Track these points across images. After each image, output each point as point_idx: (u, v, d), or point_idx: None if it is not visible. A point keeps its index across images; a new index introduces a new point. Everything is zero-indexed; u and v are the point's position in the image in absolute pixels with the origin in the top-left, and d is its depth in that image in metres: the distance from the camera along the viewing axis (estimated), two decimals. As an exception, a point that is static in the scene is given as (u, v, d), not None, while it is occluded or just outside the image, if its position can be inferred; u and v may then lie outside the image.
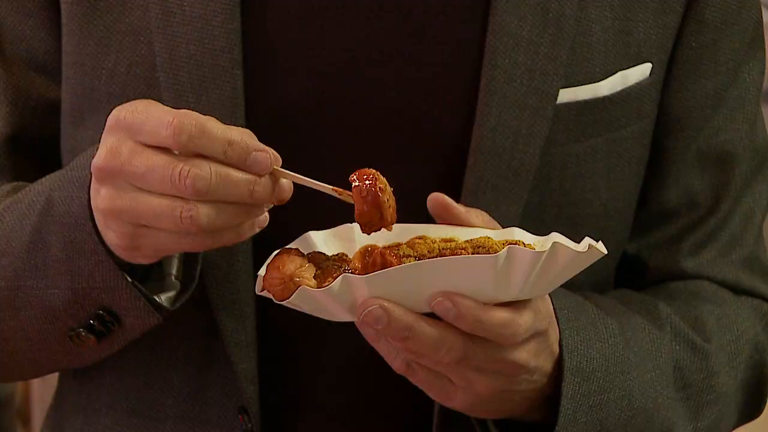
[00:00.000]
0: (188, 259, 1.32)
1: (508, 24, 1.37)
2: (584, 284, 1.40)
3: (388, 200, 1.18)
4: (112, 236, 1.20)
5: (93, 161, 1.16)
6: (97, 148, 1.17)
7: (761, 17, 1.56)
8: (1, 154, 1.49)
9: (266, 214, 1.20)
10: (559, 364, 1.28)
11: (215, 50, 1.36)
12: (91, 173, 1.19)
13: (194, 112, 1.14)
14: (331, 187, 1.19)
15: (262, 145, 1.14)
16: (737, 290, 1.53)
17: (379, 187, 1.16)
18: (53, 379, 1.58)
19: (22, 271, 1.32)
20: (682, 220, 1.52)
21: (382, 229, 1.18)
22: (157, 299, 1.29)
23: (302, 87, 1.39)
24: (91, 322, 1.30)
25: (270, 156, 1.13)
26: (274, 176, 1.15)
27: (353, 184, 1.17)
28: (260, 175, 1.13)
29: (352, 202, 1.16)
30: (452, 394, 1.23)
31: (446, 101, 1.40)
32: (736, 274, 1.53)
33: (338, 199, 1.19)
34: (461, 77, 1.39)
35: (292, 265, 1.17)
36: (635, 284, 1.53)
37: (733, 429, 1.55)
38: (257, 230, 1.20)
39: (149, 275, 1.30)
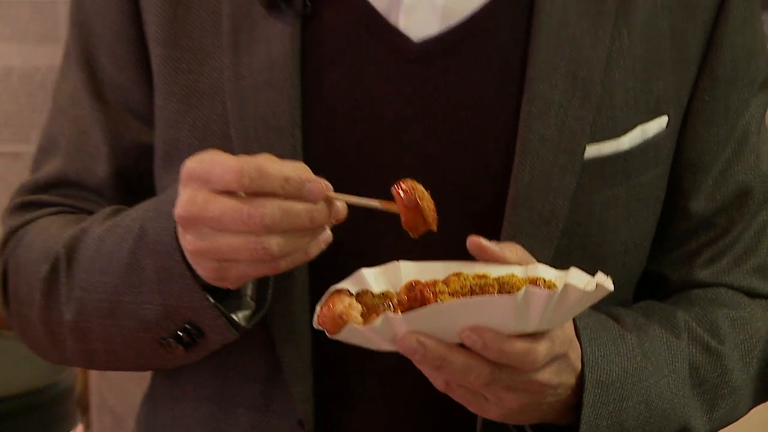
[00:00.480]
0: (261, 281, 1.38)
1: (542, 90, 1.42)
2: (610, 301, 1.39)
3: (428, 205, 1.26)
4: (200, 270, 1.29)
5: (175, 210, 1.25)
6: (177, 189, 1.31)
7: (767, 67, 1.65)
8: (105, 189, 1.55)
9: (328, 231, 1.26)
10: (581, 377, 1.34)
11: (278, 112, 1.43)
12: None
13: (253, 157, 1.24)
14: (378, 202, 1.26)
15: (314, 176, 1.22)
16: (752, 294, 1.56)
17: (418, 195, 1.24)
18: (110, 373, 1.79)
19: (120, 287, 1.40)
20: (699, 239, 1.55)
21: (426, 240, 1.28)
22: (234, 317, 1.36)
23: (354, 139, 1.45)
24: (179, 333, 1.38)
25: (322, 184, 1.21)
26: (329, 200, 1.24)
27: (395, 196, 1.24)
28: (316, 202, 1.22)
29: (398, 212, 1.24)
30: (486, 408, 1.29)
31: (485, 158, 1.45)
32: (749, 281, 1.56)
33: (385, 211, 1.26)
34: (499, 137, 1.44)
35: (341, 305, 1.24)
36: (658, 294, 1.56)
37: (748, 411, 1.60)
38: (323, 246, 1.27)
39: (228, 292, 1.36)
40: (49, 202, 1.63)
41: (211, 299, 1.37)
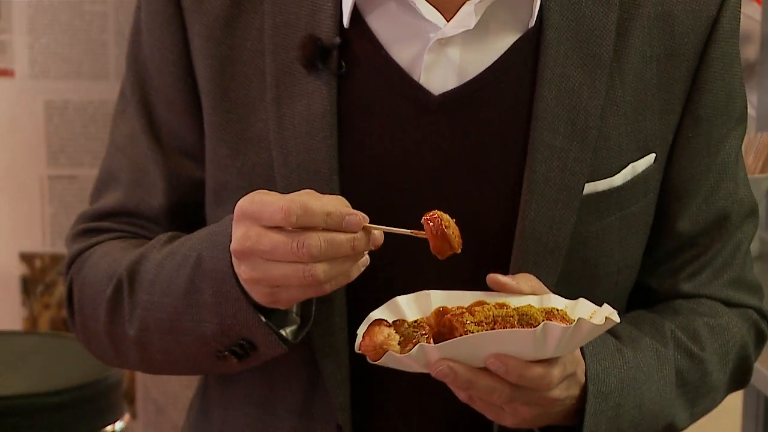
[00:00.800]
0: (306, 300, 1.42)
1: (545, 137, 1.48)
2: (620, 308, 1.50)
3: (453, 232, 1.30)
4: (254, 294, 1.35)
5: (231, 245, 1.34)
6: (233, 217, 1.36)
7: (746, 102, 1.66)
8: (161, 219, 1.60)
9: (366, 255, 1.33)
10: (585, 389, 1.39)
11: (318, 159, 1.48)
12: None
13: (298, 194, 1.31)
14: (409, 231, 1.31)
15: (352, 210, 1.29)
16: (728, 304, 1.60)
17: (444, 225, 1.30)
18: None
19: (180, 308, 1.45)
20: (683, 256, 1.60)
21: (450, 264, 1.33)
22: (283, 333, 1.41)
23: (385, 182, 1.50)
24: (234, 347, 1.44)
25: (359, 216, 1.28)
26: (366, 230, 1.30)
27: (425, 225, 1.29)
28: (355, 232, 1.29)
29: (427, 239, 1.30)
30: (503, 417, 1.35)
31: (496, 196, 1.50)
32: (726, 292, 1.60)
33: (416, 237, 1.32)
34: (508, 177, 1.50)
35: (381, 336, 1.29)
36: (646, 303, 1.61)
37: (721, 401, 1.66)
38: (362, 269, 1.33)
39: (276, 309, 1.42)
40: (110, 229, 1.67)
41: (263, 319, 1.43)
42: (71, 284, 1.64)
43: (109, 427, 2.87)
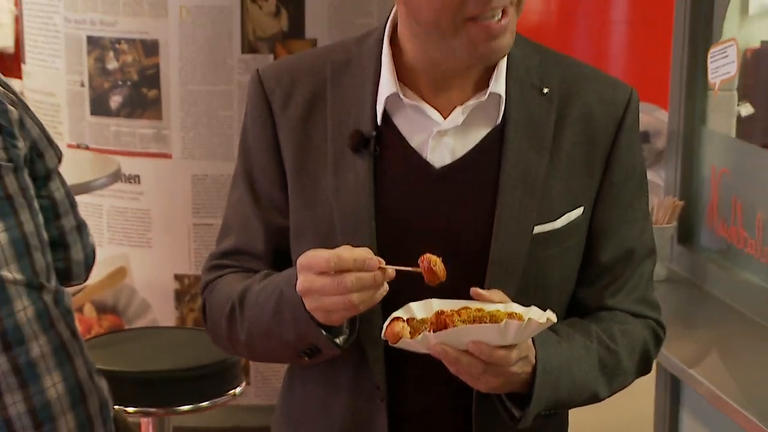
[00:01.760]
0: (351, 319, 1.67)
1: (507, 196, 1.72)
2: (560, 315, 1.69)
3: (439, 268, 1.58)
4: (316, 316, 1.62)
5: (297, 287, 1.61)
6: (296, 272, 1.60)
7: (645, 172, 1.86)
8: (262, 256, 1.85)
9: (386, 285, 1.59)
10: (534, 367, 1.64)
11: (361, 212, 1.73)
12: None
13: (336, 249, 1.58)
14: (412, 268, 1.58)
15: (372, 256, 1.57)
16: (636, 315, 1.83)
17: (433, 264, 1.58)
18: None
19: (271, 324, 1.71)
20: (604, 281, 1.82)
21: (440, 287, 1.62)
22: (337, 341, 1.67)
23: (403, 225, 1.75)
24: (306, 350, 1.70)
25: (375, 261, 1.56)
26: (382, 269, 1.56)
27: (420, 264, 1.58)
28: (373, 270, 1.56)
29: (422, 272, 1.59)
30: (478, 384, 1.62)
31: (475, 236, 1.74)
32: (634, 307, 1.83)
33: (415, 273, 1.59)
34: (483, 224, 1.74)
35: (398, 327, 1.57)
36: (579, 314, 1.83)
37: (631, 383, 1.85)
38: (384, 294, 1.60)
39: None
40: (228, 265, 1.87)
41: (324, 333, 1.64)
42: (204, 303, 1.88)
43: (232, 391, 3.23)
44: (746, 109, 3.01)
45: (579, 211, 1.75)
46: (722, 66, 2.97)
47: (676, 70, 3.14)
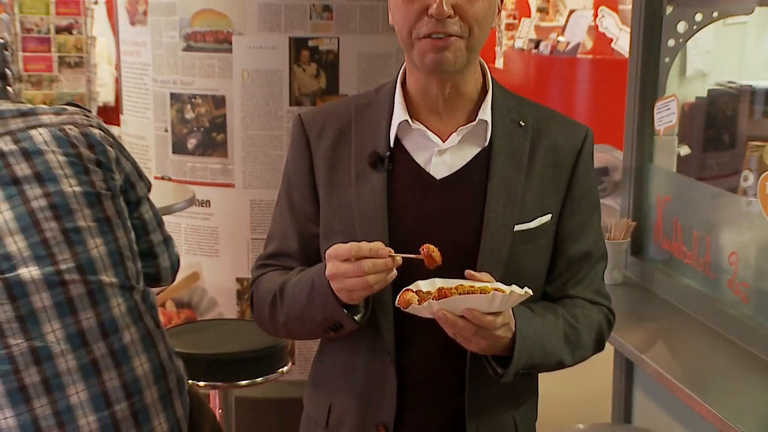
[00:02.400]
0: (366, 300, 1.66)
1: (494, 201, 1.70)
2: (530, 300, 1.63)
3: (435, 254, 1.56)
4: (340, 297, 1.60)
5: (326, 272, 1.60)
6: (326, 263, 1.60)
7: (598, 193, 1.85)
8: (297, 256, 1.82)
9: (395, 270, 1.57)
10: (514, 334, 1.61)
11: (377, 216, 1.72)
12: None
13: (356, 244, 1.57)
14: (414, 255, 1.57)
15: (383, 246, 1.56)
16: (592, 303, 1.80)
17: (431, 251, 1.57)
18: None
19: (303, 308, 1.70)
20: (567, 275, 1.79)
21: (440, 269, 1.60)
22: (356, 318, 1.65)
23: (410, 224, 1.72)
24: (331, 326, 1.68)
25: (386, 250, 1.55)
26: (392, 256, 1.56)
27: (421, 251, 1.57)
28: (385, 257, 1.55)
29: (423, 259, 1.57)
30: (471, 345, 1.59)
31: (469, 233, 1.72)
32: (591, 296, 1.80)
33: (418, 259, 1.57)
34: (475, 223, 1.71)
35: (408, 295, 1.54)
36: (549, 300, 1.80)
37: (589, 357, 1.81)
38: (393, 277, 1.58)
39: (351, 305, 1.64)
40: (271, 264, 1.85)
41: (345, 311, 1.62)
42: (252, 294, 1.86)
43: (280, 369, 3.18)
44: (684, 150, 3.06)
45: (548, 216, 1.73)
46: (666, 116, 2.99)
47: (629, 119, 3.14)
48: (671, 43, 2.90)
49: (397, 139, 1.73)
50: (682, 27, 2.84)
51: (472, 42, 1.63)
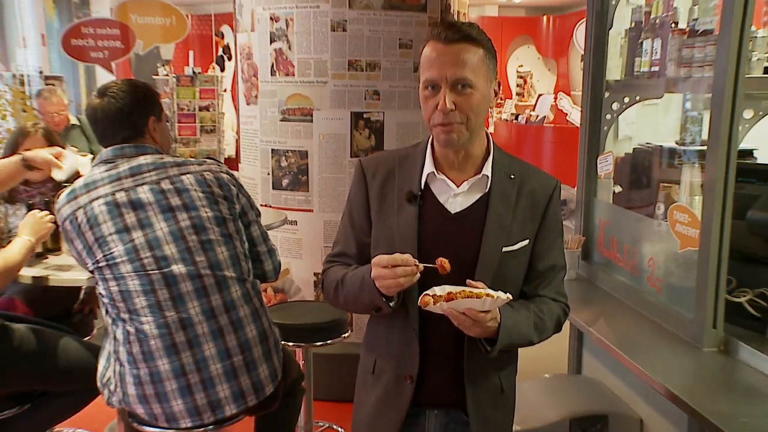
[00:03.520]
0: (399, 293, 1.57)
1: (489, 230, 1.61)
2: (514, 299, 1.59)
3: (446, 265, 1.48)
4: (381, 290, 1.53)
5: (371, 275, 1.53)
6: (371, 266, 1.52)
7: (562, 225, 1.74)
8: (355, 257, 1.73)
9: (419, 274, 1.49)
10: (499, 324, 1.54)
11: (410, 236, 1.62)
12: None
13: (395, 256, 1.50)
14: (432, 265, 1.48)
15: (412, 258, 1.49)
16: (555, 300, 1.70)
17: (443, 262, 1.48)
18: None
19: (356, 294, 1.61)
20: (538, 281, 1.68)
21: (449, 275, 1.50)
22: (391, 305, 1.57)
23: (433, 244, 1.60)
24: (375, 309, 1.59)
25: (413, 260, 1.48)
26: (417, 265, 1.48)
27: (436, 262, 1.49)
28: (412, 266, 1.48)
29: (437, 268, 1.48)
30: (470, 331, 1.52)
31: (472, 252, 1.60)
32: (553, 296, 1.70)
33: (434, 267, 1.49)
34: (475, 245, 1.61)
35: (426, 299, 1.47)
36: (525, 299, 1.69)
37: (550, 337, 1.70)
38: (417, 278, 1.49)
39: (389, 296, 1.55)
40: (335, 261, 1.75)
41: (384, 299, 1.55)
42: (322, 282, 1.76)
43: (343, 335, 3.04)
44: (617, 189, 2.95)
45: (527, 241, 1.65)
46: (605, 165, 2.92)
47: (580, 167, 3.05)
48: (608, 116, 2.84)
49: (426, 183, 1.65)
50: (615, 106, 2.78)
51: (470, 125, 1.55)
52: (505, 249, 1.61)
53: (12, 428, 2.36)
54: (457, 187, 1.64)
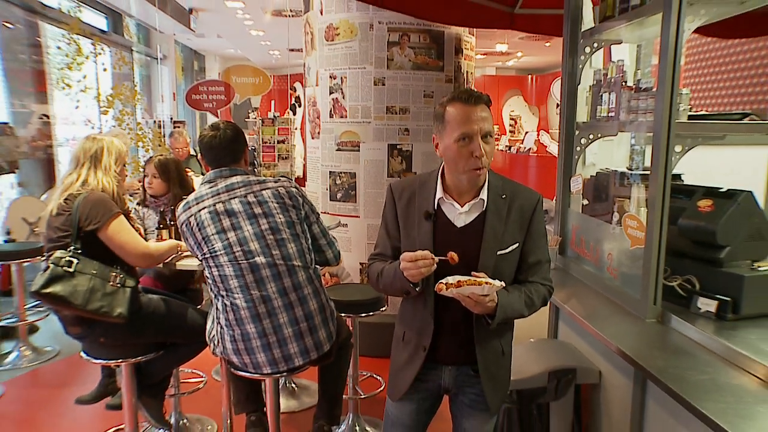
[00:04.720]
0: (421, 279, 1.51)
1: (487, 240, 1.55)
2: (509, 285, 1.54)
3: (455, 258, 1.46)
4: (408, 277, 1.49)
5: (401, 266, 1.49)
6: (401, 261, 1.48)
7: (545, 229, 1.65)
8: (390, 256, 1.66)
9: (435, 266, 1.45)
10: (497, 303, 1.49)
11: (428, 242, 1.57)
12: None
13: (417, 252, 1.48)
14: (444, 257, 1.45)
15: (429, 254, 1.46)
16: (542, 284, 1.62)
17: (453, 256, 1.46)
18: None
19: (392, 282, 1.55)
20: (529, 272, 1.61)
21: (457, 266, 1.48)
22: (416, 289, 1.52)
23: (444, 249, 1.54)
24: (405, 292, 1.54)
25: (431, 255, 1.45)
26: (433, 258, 1.45)
27: (447, 255, 1.46)
28: (429, 259, 1.45)
29: (448, 259, 1.46)
30: (474, 309, 1.48)
31: (473, 254, 1.55)
32: (541, 281, 1.62)
33: (446, 260, 1.46)
34: (476, 249, 1.55)
35: (440, 286, 1.44)
36: (519, 283, 1.61)
37: (538, 310, 1.61)
38: (434, 269, 1.46)
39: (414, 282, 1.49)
40: (377, 258, 1.69)
41: (411, 285, 1.51)
42: (367, 273, 1.70)
43: (381, 309, 2.84)
44: (585, 202, 2.86)
45: (517, 244, 1.60)
46: (575, 185, 2.83)
47: (558, 185, 2.95)
48: (578, 148, 2.71)
49: (438, 204, 1.60)
50: (583, 141, 2.69)
51: (487, 164, 1.54)
52: (499, 252, 1.56)
53: (151, 367, 2.45)
54: (461, 207, 1.59)
